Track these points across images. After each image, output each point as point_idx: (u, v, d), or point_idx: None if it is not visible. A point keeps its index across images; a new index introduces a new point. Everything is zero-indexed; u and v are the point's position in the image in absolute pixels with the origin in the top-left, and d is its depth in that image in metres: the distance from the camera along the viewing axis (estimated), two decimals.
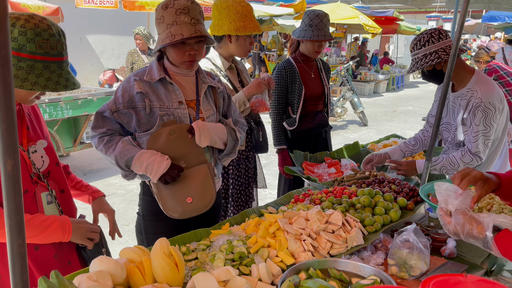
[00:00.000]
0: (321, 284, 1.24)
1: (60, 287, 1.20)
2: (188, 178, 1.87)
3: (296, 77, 3.08)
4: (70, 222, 1.55)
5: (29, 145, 1.55)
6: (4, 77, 0.77)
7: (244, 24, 2.50)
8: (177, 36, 1.77)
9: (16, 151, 0.79)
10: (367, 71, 14.84)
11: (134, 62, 6.71)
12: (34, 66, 1.34)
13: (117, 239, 1.89)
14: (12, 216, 0.81)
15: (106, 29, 11.63)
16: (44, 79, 1.36)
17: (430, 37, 2.31)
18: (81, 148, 6.10)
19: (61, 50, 1.40)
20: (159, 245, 1.42)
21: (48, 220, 1.49)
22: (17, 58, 1.33)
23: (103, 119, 1.88)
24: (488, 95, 2.25)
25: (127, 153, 1.81)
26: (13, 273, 0.82)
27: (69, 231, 1.53)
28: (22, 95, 1.45)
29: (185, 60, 1.87)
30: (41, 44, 1.34)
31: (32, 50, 1.33)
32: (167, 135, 1.84)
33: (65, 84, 1.40)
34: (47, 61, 1.36)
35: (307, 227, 1.69)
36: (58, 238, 1.53)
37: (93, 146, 1.92)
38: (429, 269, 1.63)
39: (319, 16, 2.98)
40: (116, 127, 1.91)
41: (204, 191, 1.89)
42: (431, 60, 2.29)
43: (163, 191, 1.87)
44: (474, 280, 0.68)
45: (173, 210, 1.87)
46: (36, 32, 1.33)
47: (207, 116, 1.98)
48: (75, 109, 5.62)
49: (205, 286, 1.31)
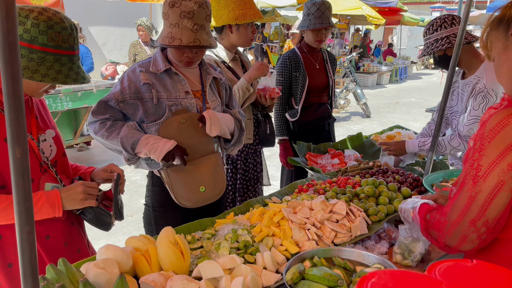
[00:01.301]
0: (326, 272, 1.25)
1: (67, 274, 1.21)
2: (200, 167, 1.89)
3: (301, 67, 3.06)
4: (58, 195, 1.49)
5: (39, 134, 1.56)
6: (12, 64, 0.77)
7: (244, 12, 2.47)
8: (176, 40, 1.77)
9: (24, 138, 0.80)
10: (370, 63, 14.77)
11: (136, 53, 6.69)
12: (45, 58, 1.35)
13: (122, 229, 1.90)
14: (21, 203, 0.81)
15: (108, 21, 11.59)
16: (55, 71, 1.37)
17: (443, 22, 2.35)
18: (82, 141, 6.08)
19: (73, 44, 1.42)
20: (165, 234, 1.44)
21: (35, 196, 1.45)
22: (28, 49, 1.34)
23: (107, 107, 1.87)
24: (494, 82, 2.25)
25: (133, 136, 1.80)
26: (22, 260, 0.83)
27: (58, 205, 1.48)
28: (32, 88, 1.46)
29: (183, 60, 1.90)
30: (53, 37, 1.35)
31: (44, 42, 1.34)
32: (178, 123, 1.85)
33: (75, 77, 1.42)
34: (58, 54, 1.37)
35: (311, 217, 1.70)
36: (49, 214, 1.48)
37: (92, 131, 1.88)
38: (432, 257, 1.64)
39: (316, 4, 2.96)
40: (119, 115, 1.90)
41: (216, 179, 1.94)
42: (442, 45, 2.32)
43: (176, 181, 1.88)
44: (481, 265, 0.69)
45: (186, 199, 1.89)
46: (49, 25, 1.34)
47: (213, 107, 1.99)
48: (75, 101, 5.57)
49: (211, 273, 1.32)
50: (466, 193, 1.10)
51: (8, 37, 0.75)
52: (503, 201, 1.06)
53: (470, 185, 1.09)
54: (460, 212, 1.11)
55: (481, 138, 1.08)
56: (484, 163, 1.07)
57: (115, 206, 1.60)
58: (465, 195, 1.10)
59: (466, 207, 1.09)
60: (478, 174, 1.07)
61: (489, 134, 1.06)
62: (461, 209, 1.10)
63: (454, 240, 1.13)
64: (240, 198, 2.77)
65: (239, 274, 1.36)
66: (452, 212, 1.13)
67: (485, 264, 0.68)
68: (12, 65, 0.77)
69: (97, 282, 1.20)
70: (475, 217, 1.08)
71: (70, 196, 1.51)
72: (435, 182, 2.09)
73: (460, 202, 1.11)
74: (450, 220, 1.13)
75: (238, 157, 2.71)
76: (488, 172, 1.06)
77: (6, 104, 0.77)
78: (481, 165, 1.07)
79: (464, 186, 1.11)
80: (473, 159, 1.09)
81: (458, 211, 1.11)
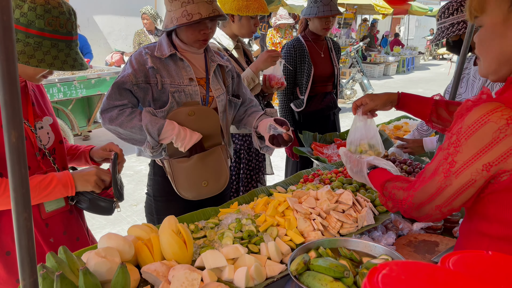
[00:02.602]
0: (331, 263, 1.22)
1: (68, 262, 1.19)
2: (204, 160, 1.85)
3: (306, 56, 3.01)
4: (70, 175, 1.50)
5: (36, 121, 1.53)
6: (6, 45, 0.74)
7: (247, 4, 2.41)
8: (195, 15, 1.71)
9: (20, 122, 0.77)
10: (377, 53, 14.62)
11: (141, 42, 6.65)
12: (42, 43, 1.32)
13: (126, 219, 1.89)
14: (17, 189, 0.79)
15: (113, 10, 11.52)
16: (51, 57, 1.34)
17: (459, 6, 2.21)
18: (95, 128, 6.15)
19: (71, 29, 1.38)
20: (168, 223, 1.41)
21: (46, 179, 1.45)
22: (25, 33, 1.31)
23: (122, 91, 1.77)
24: None
25: (157, 121, 1.72)
26: (20, 247, 0.80)
27: (71, 185, 1.49)
28: (29, 73, 1.42)
29: (199, 39, 1.83)
30: (50, 21, 1.32)
31: (40, 27, 1.31)
32: (186, 115, 1.80)
33: (72, 64, 1.38)
34: (55, 39, 1.34)
35: (316, 207, 1.67)
36: (62, 194, 1.49)
37: (106, 119, 1.74)
38: (440, 249, 1.61)
39: None
40: (135, 101, 1.82)
41: (219, 173, 1.90)
42: (458, 29, 2.20)
43: (179, 173, 1.85)
44: (497, 256, 0.65)
45: (187, 191, 1.87)
46: (46, 9, 1.31)
47: (217, 95, 1.94)
48: (89, 88, 5.64)
49: (214, 263, 1.30)
50: (437, 183, 1.08)
51: (2, 17, 0.72)
52: (470, 194, 1.06)
53: (441, 177, 1.07)
54: (428, 198, 1.11)
55: (458, 133, 1.02)
56: (459, 160, 1.02)
57: (114, 186, 1.57)
58: (435, 184, 1.08)
59: (434, 195, 1.09)
60: (451, 170, 1.04)
61: (466, 130, 1.00)
62: (429, 196, 1.10)
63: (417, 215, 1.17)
64: (243, 188, 2.75)
65: (242, 264, 1.33)
66: (420, 193, 1.13)
67: (501, 255, 0.65)
68: (6, 45, 0.74)
69: (98, 271, 1.18)
70: (441, 204, 1.09)
71: (84, 177, 1.52)
72: None
73: (429, 188, 1.10)
74: (416, 200, 1.14)
75: (241, 146, 2.68)
76: (461, 170, 1.03)
77: (0, 87, 0.74)
78: (456, 162, 1.03)
79: (435, 175, 1.09)
80: (448, 153, 1.05)
81: (426, 195, 1.11)
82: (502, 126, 0.95)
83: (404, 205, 1.18)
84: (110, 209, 1.61)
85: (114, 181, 1.57)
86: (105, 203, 1.58)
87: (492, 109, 0.97)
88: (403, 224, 1.76)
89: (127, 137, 1.80)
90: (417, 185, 1.15)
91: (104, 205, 1.58)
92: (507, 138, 0.95)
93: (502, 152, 0.97)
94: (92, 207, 1.57)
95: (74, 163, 1.77)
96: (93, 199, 1.56)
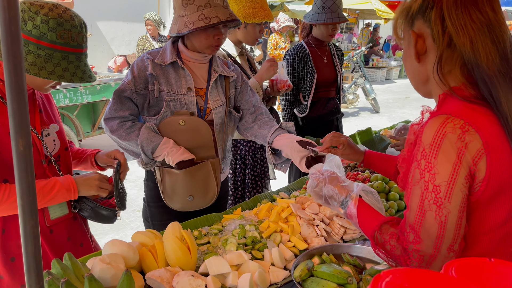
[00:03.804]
0: (335, 269, 1.23)
1: (73, 269, 1.20)
2: (192, 174, 1.80)
3: (309, 62, 3.02)
4: (72, 179, 1.51)
5: (42, 129, 1.55)
6: (15, 55, 0.75)
7: (254, 12, 2.42)
8: (213, 19, 1.69)
9: (27, 130, 0.78)
10: (379, 58, 14.64)
11: (144, 48, 6.69)
12: (53, 55, 1.35)
13: (129, 224, 1.89)
14: (24, 197, 0.79)
15: (116, 16, 11.60)
16: (61, 69, 1.36)
17: None
18: (100, 133, 6.19)
19: (81, 42, 1.41)
20: (171, 229, 1.42)
21: (49, 183, 1.46)
22: (36, 45, 1.33)
23: (123, 100, 1.79)
24: None
25: (153, 140, 1.73)
26: (26, 254, 0.81)
27: (74, 189, 1.50)
28: (38, 83, 1.45)
29: (213, 44, 1.80)
30: (62, 34, 1.34)
31: (52, 39, 1.33)
32: (177, 124, 1.78)
33: (81, 76, 1.41)
34: (66, 52, 1.37)
35: (320, 212, 1.67)
36: (65, 198, 1.51)
37: (107, 128, 1.78)
38: None
39: None
40: (136, 110, 1.82)
41: (206, 189, 1.84)
42: None
43: (166, 183, 1.83)
44: (499, 263, 0.66)
45: (172, 202, 1.85)
46: (58, 22, 1.34)
47: (214, 107, 1.88)
48: (94, 94, 5.69)
49: (218, 269, 1.30)
50: (434, 219, 0.96)
51: (10, 27, 0.73)
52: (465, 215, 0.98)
53: (435, 210, 0.96)
54: (435, 243, 0.97)
55: (424, 156, 0.97)
56: (441, 182, 0.95)
57: (116, 195, 1.58)
58: (433, 222, 0.97)
59: (441, 235, 0.97)
60: (439, 196, 0.95)
61: (430, 149, 0.96)
62: (436, 238, 0.97)
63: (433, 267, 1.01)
64: (249, 194, 2.76)
65: (246, 270, 1.34)
66: (424, 244, 0.99)
67: (504, 262, 0.65)
68: (15, 55, 0.75)
69: (102, 277, 1.19)
70: (452, 242, 0.97)
71: (86, 181, 1.54)
72: None
73: (430, 230, 0.97)
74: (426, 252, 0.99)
75: (247, 152, 2.69)
76: (449, 191, 0.95)
77: (8, 95, 0.75)
78: (439, 185, 0.95)
79: (425, 212, 0.98)
80: (425, 181, 0.97)
81: (432, 241, 0.97)
82: (459, 134, 0.93)
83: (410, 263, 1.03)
84: (112, 217, 1.62)
85: (116, 190, 1.58)
86: (107, 212, 1.59)
87: (442, 122, 0.95)
88: None
89: (126, 148, 1.83)
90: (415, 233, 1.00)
91: (106, 214, 1.59)
92: (469, 145, 0.93)
93: (472, 158, 0.94)
94: (94, 216, 1.59)
95: (80, 166, 1.79)
96: (95, 207, 1.58)
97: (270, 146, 1.88)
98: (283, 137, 1.82)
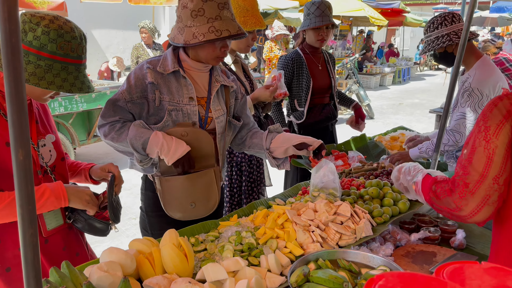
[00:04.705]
0: (331, 274, 1.24)
1: (71, 277, 1.21)
2: (193, 181, 1.79)
3: (304, 69, 3.06)
4: (63, 187, 1.51)
5: (38, 139, 1.56)
6: (15, 66, 0.76)
7: (245, 20, 2.44)
8: (224, 32, 1.70)
9: (27, 141, 0.79)
10: (373, 64, 14.75)
11: (139, 56, 6.71)
12: (53, 66, 1.37)
13: (125, 232, 1.90)
14: (24, 206, 0.81)
15: (111, 24, 11.63)
16: (61, 79, 1.38)
17: (443, 20, 2.41)
18: (95, 141, 6.18)
19: (81, 53, 1.43)
20: (168, 236, 1.43)
21: (39, 190, 1.46)
22: (37, 56, 1.35)
23: (116, 108, 1.78)
24: (480, 81, 2.32)
25: (142, 135, 1.71)
26: (26, 262, 0.82)
27: (64, 197, 1.50)
28: (37, 93, 1.47)
29: (219, 55, 1.81)
30: (62, 45, 1.37)
31: (52, 50, 1.36)
32: (180, 135, 1.77)
33: (80, 86, 1.43)
34: (65, 63, 1.39)
35: (315, 219, 1.69)
36: (55, 206, 1.50)
37: (101, 134, 1.79)
38: (438, 259, 1.63)
39: (315, 4, 2.96)
40: (129, 117, 1.82)
41: (208, 196, 1.83)
42: (443, 42, 2.39)
43: (167, 191, 1.81)
44: (489, 267, 0.68)
45: (174, 211, 1.83)
46: (59, 33, 1.36)
47: (216, 116, 1.90)
48: (89, 102, 5.71)
49: (215, 276, 1.31)
50: (483, 152, 1.16)
51: (10, 39, 0.75)
52: None
53: (483, 145, 1.16)
54: (483, 170, 1.16)
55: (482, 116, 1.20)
56: (491, 124, 1.16)
57: (110, 208, 1.59)
58: (482, 154, 1.16)
59: (488, 164, 1.16)
60: (489, 133, 1.16)
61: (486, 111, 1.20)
62: (483, 167, 1.16)
63: (474, 202, 1.18)
64: (246, 200, 2.77)
65: (243, 277, 1.35)
66: (472, 172, 1.18)
67: (494, 266, 0.67)
68: (15, 66, 0.77)
69: (100, 285, 1.20)
70: (497, 173, 1.15)
71: (78, 194, 1.54)
72: None
73: (478, 162, 1.17)
74: (472, 180, 1.18)
75: (243, 159, 2.70)
76: (498, 130, 1.15)
77: (8, 106, 0.76)
78: (489, 126, 1.16)
79: (476, 149, 1.18)
80: (479, 126, 1.19)
81: (479, 169, 1.16)
82: None
83: (461, 193, 1.21)
84: (105, 230, 1.63)
85: (110, 203, 1.59)
86: (100, 225, 1.61)
87: None
88: (401, 235, 1.78)
89: (122, 150, 1.82)
90: (463, 170, 1.21)
91: (100, 227, 1.61)
92: None
93: None
94: (88, 228, 1.60)
95: (74, 179, 1.79)
96: (89, 219, 1.59)
97: (269, 152, 1.96)
98: (277, 140, 1.94)
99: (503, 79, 2.39)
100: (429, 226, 1.85)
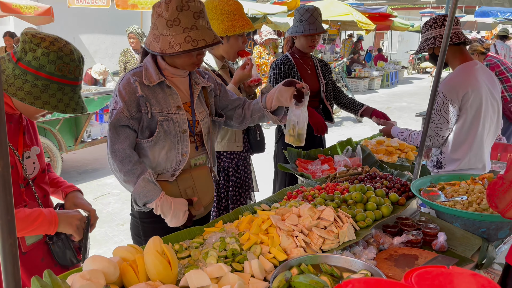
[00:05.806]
0: (312, 279, 1.26)
1: (53, 286, 1.21)
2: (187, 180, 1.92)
3: (294, 72, 3.09)
4: (55, 214, 1.54)
5: (24, 151, 1.57)
6: None
7: (233, 24, 2.45)
8: (200, 41, 1.72)
9: (6, 151, 0.80)
10: (361, 68, 14.89)
11: (127, 61, 6.70)
12: (49, 86, 1.40)
13: (113, 238, 1.90)
14: (3, 216, 0.81)
15: (99, 29, 11.58)
16: (56, 99, 1.41)
17: (433, 23, 2.47)
18: (82, 147, 6.13)
19: (78, 75, 1.46)
20: (152, 243, 1.43)
21: (34, 213, 1.48)
22: (34, 76, 1.38)
23: (119, 131, 1.78)
24: (447, 86, 2.36)
25: (147, 195, 1.77)
26: (5, 273, 0.83)
27: (55, 223, 1.53)
28: (31, 111, 1.49)
29: (195, 62, 1.84)
30: (61, 67, 1.40)
31: (50, 71, 1.39)
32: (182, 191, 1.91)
33: (74, 107, 1.46)
34: (62, 83, 1.42)
35: (299, 224, 1.71)
36: (45, 231, 1.53)
37: (110, 163, 1.80)
38: (419, 263, 1.65)
39: (309, 11, 3.00)
40: (134, 136, 1.83)
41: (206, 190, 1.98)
42: (428, 44, 2.46)
43: None
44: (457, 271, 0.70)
45: None
46: (59, 55, 1.39)
47: (201, 118, 1.94)
48: None
49: (198, 283, 1.32)
50: None
51: None
52: None
53: None
54: None
55: None
56: None
57: (84, 246, 1.65)
58: None
59: None
60: None
61: None
62: None
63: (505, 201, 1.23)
64: (233, 206, 2.77)
65: (226, 283, 1.36)
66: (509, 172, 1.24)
67: (460, 269, 0.70)
68: None
69: None
70: None
71: (68, 219, 1.57)
72: (423, 187, 2.12)
73: None
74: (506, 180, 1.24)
75: (230, 164, 2.71)
76: None
77: None
78: None
79: None
80: None
81: None
82: None
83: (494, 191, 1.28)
84: (70, 265, 1.67)
85: (85, 242, 1.65)
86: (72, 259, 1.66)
87: None
88: (384, 238, 1.81)
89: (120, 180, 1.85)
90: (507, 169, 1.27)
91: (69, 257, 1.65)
92: None
93: None
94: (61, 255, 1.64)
95: (54, 195, 1.81)
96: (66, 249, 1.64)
97: (266, 109, 2.05)
98: (270, 93, 2.03)
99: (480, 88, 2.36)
100: (411, 229, 1.88)
